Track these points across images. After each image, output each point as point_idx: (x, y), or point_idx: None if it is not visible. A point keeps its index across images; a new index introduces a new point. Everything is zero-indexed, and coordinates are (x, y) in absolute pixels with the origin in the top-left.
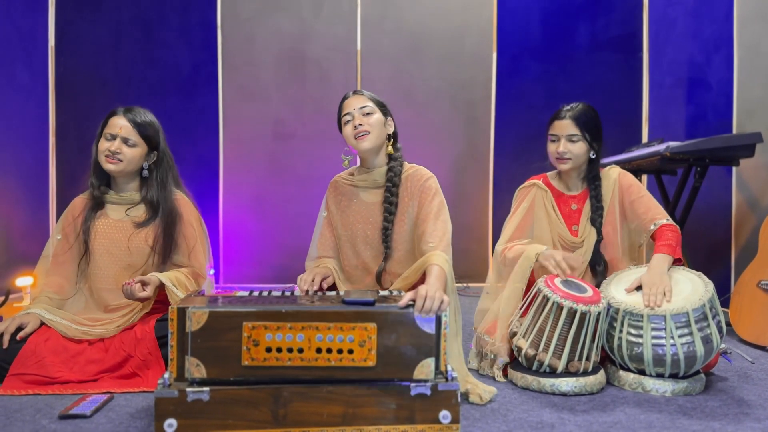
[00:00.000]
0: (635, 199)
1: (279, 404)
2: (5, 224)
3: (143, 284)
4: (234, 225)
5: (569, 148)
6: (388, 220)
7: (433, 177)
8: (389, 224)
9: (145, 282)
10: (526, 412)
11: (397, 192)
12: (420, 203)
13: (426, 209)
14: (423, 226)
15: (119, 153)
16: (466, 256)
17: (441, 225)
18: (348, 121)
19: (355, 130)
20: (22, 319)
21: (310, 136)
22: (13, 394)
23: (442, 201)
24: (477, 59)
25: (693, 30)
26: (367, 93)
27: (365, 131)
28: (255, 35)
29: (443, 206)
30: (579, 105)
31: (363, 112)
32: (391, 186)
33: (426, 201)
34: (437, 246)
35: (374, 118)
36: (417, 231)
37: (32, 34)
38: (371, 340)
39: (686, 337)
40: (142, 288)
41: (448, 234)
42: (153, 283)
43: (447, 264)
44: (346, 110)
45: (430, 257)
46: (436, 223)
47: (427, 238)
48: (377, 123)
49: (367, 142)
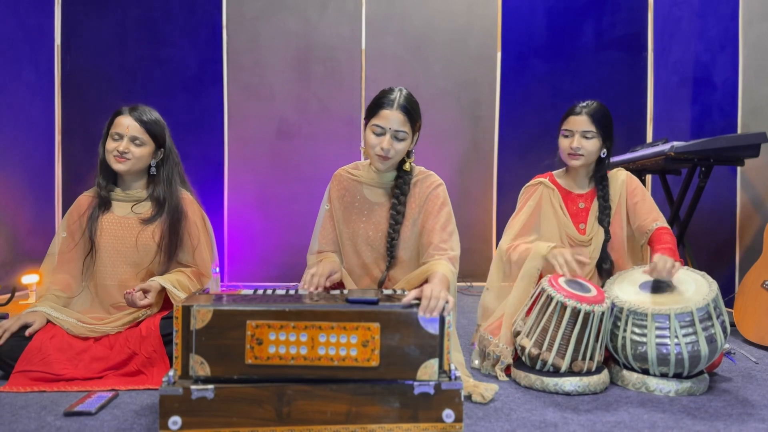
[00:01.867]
0: (639, 201)
1: (283, 402)
2: (11, 222)
3: (144, 292)
4: (238, 223)
5: (583, 144)
6: (394, 229)
7: (443, 185)
8: (395, 233)
9: (146, 289)
10: (529, 412)
11: (405, 201)
12: (427, 211)
13: (433, 220)
14: (429, 237)
15: (128, 152)
16: (469, 256)
17: (447, 236)
18: (377, 134)
19: (381, 150)
20: (28, 317)
21: (314, 135)
22: (18, 391)
23: (449, 211)
24: (482, 58)
25: (698, 29)
26: (409, 110)
27: (388, 157)
28: (260, 35)
29: (450, 216)
30: (594, 102)
31: (396, 137)
32: (399, 194)
33: (433, 211)
34: (443, 258)
35: (403, 144)
36: (422, 239)
37: (39, 32)
38: (374, 340)
39: (690, 337)
40: (144, 296)
41: (456, 246)
42: (154, 289)
43: (451, 274)
44: (381, 122)
45: (435, 265)
46: (442, 233)
47: (431, 251)
48: (403, 149)
49: (384, 165)
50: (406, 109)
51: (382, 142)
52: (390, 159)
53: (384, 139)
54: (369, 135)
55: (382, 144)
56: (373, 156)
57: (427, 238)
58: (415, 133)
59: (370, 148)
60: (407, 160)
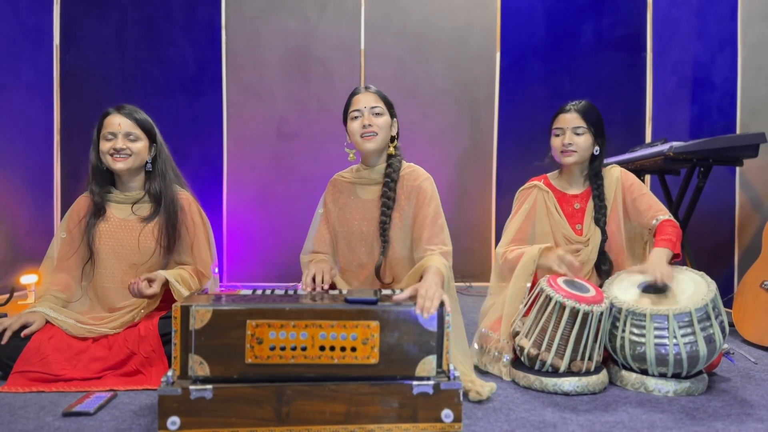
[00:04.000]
0: (637, 196)
1: (282, 402)
2: (10, 222)
3: (149, 281)
4: (238, 223)
5: (574, 140)
6: (386, 215)
7: (430, 178)
8: (387, 218)
9: (151, 279)
10: (528, 412)
11: (395, 187)
12: (417, 204)
13: (423, 213)
14: (420, 231)
15: (125, 149)
16: (468, 256)
17: (438, 230)
18: (356, 117)
19: (363, 129)
20: (27, 317)
21: (314, 135)
22: (17, 392)
23: (437, 204)
24: (481, 59)
25: (697, 30)
26: (379, 92)
27: (373, 132)
28: (259, 34)
29: (439, 209)
30: (583, 101)
31: (373, 112)
32: (389, 181)
33: (423, 204)
34: (435, 251)
35: (383, 119)
36: (414, 234)
37: (38, 32)
38: (374, 338)
39: (689, 337)
40: (149, 285)
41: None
42: (159, 280)
43: (445, 267)
44: (356, 106)
45: (427, 260)
46: (433, 228)
47: (424, 245)
48: (385, 125)
49: (373, 143)
50: (376, 90)
51: (363, 121)
52: (375, 136)
53: (362, 120)
54: (350, 125)
55: (362, 122)
56: (359, 142)
57: (418, 231)
58: (393, 117)
59: (354, 135)
60: (391, 145)
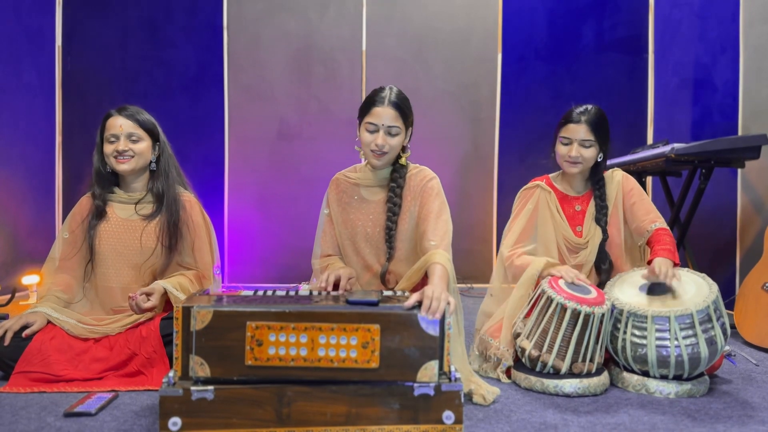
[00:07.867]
0: (636, 201)
1: (283, 403)
2: (12, 222)
3: (147, 295)
4: (239, 224)
5: (582, 153)
6: (392, 221)
7: (436, 178)
8: (393, 224)
9: (149, 292)
10: (529, 413)
11: (401, 193)
12: (422, 203)
13: (427, 208)
14: (424, 225)
15: (128, 150)
16: (470, 257)
17: (442, 224)
18: (371, 131)
19: (374, 145)
20: (29, 317)
21: (315, 136)
22: (18, 392)
23: (443, 201)
24: (482, 60)
25: (699, 31)
26: (399, 104)
27: (383, 153)
28: (261, 36)
29: (444, 206)
30: (592, 109)
31: (389, 132)
32: (395, 187)
33: (428, 200)
34: (439, 245)
35: (397, 139)
36: (418, 230)
37: (40, 33)
38: (374, 342)
39: (690, 339)
40: (147, 299)
41: (449, 233)
42: (157, 292)
43: (449, 263)
44: (374, 119)
45: (431, 256)
46: (437, 222)
47: (429, 236)
48: (398, 143)
49: (381, 161)
50: (397, 105)
51: (376, 138)
52: (385, 155)
53: (378, 135)
54: (363, 133)
55: (376, 141)
56: (368, 153)
57: (422, 226)
58: (408, 129)
59: (365, 146)
60: (402, 155)
